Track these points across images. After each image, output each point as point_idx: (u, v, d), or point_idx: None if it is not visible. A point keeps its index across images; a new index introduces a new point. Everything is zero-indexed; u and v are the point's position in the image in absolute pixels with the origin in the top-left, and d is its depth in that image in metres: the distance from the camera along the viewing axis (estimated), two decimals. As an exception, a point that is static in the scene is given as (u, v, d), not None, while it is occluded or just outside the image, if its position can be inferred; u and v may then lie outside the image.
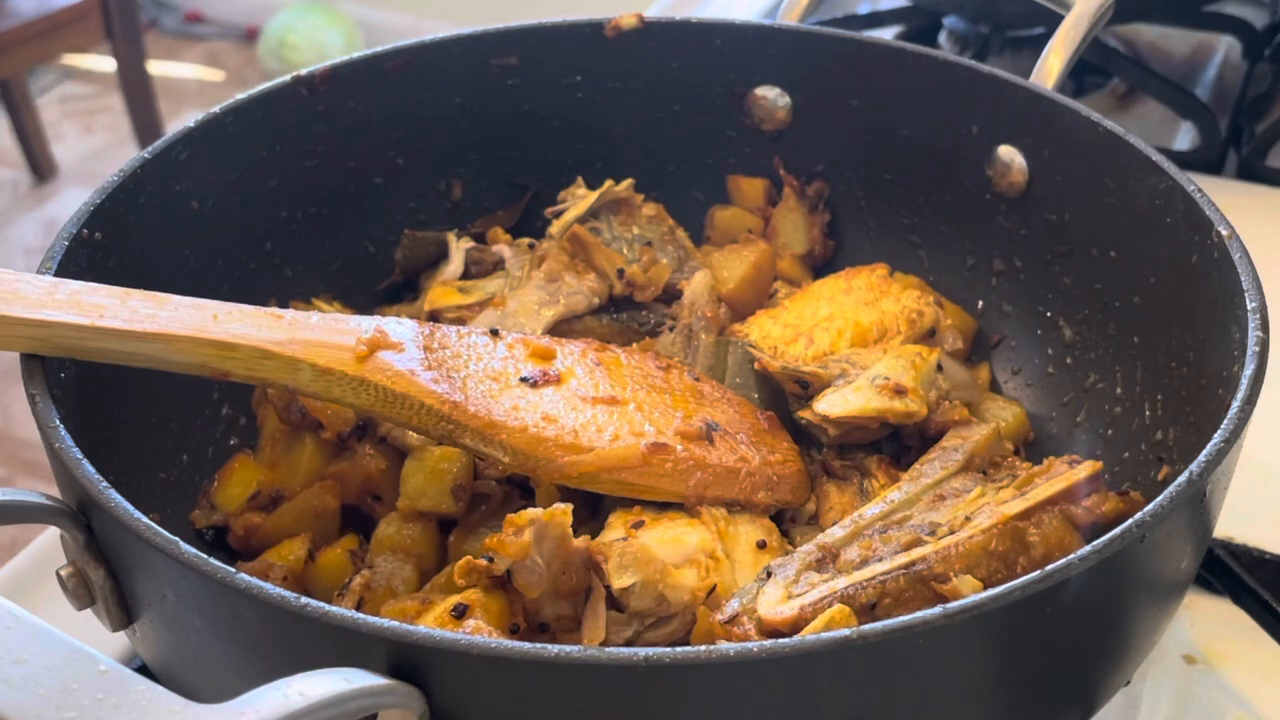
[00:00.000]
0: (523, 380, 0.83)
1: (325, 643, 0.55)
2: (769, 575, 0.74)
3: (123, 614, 0.67)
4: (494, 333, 0.87)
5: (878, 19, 1.63)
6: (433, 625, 0.71)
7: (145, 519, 0.60)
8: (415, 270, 1.08)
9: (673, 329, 0.98)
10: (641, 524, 0.78)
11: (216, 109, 0.95)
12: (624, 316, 1.01)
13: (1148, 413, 0.88)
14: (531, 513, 0.73)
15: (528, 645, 0.54)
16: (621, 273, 1.00)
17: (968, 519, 0.76)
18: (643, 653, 0.53)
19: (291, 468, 0.92)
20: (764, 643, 0.54)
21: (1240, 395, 0.68)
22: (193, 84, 4.64)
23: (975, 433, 0.87)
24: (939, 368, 0.93)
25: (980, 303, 1.05)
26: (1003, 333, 1.03)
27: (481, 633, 0.69)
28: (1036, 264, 1.00)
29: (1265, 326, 0.72)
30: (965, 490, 0.81)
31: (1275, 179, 1.39)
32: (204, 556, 0.58)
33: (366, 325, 0.80)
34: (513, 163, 1.12)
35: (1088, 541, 0.60)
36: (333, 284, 1.05)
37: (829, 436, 0.90)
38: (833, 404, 0.89)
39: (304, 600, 0.55)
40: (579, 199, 1.05)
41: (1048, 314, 1.00)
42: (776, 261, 1.08)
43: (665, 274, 1.02)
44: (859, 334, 0.97)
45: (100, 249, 0.82)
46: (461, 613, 0.72)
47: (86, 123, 4.35)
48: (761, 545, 0.80)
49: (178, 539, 0.59)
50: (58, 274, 0.77)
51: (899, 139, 1.05)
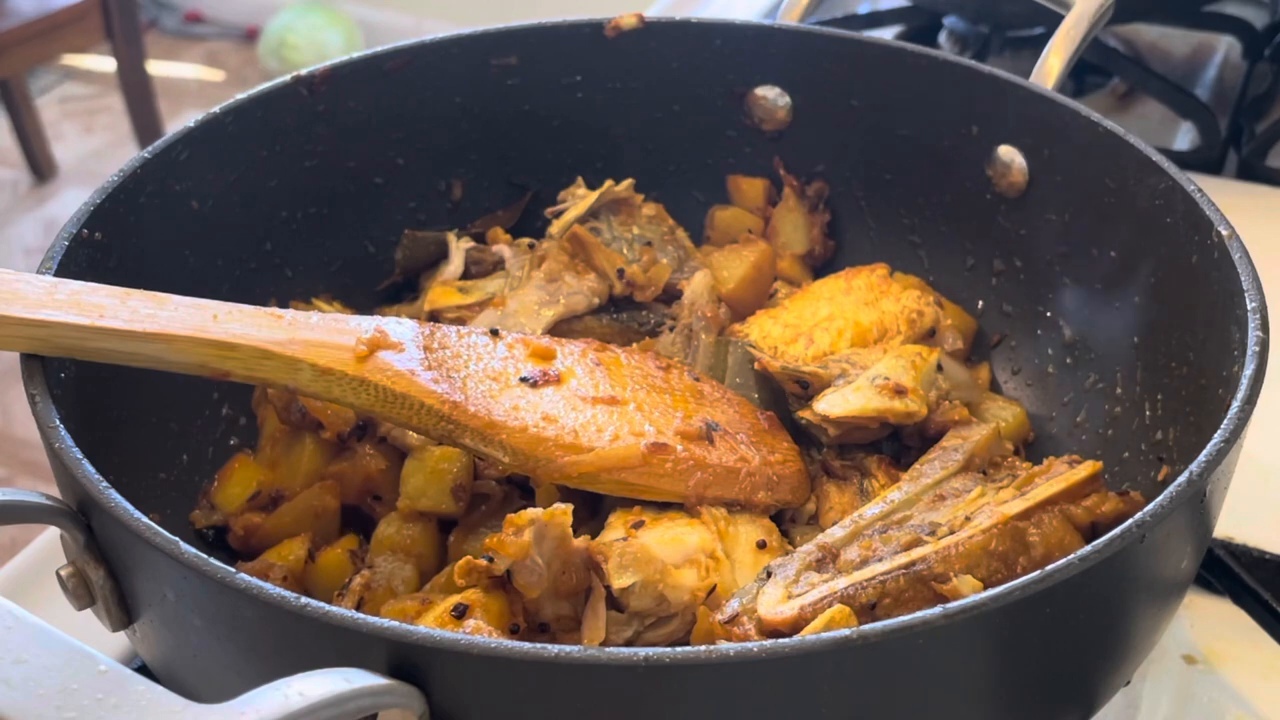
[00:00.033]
0: (523, 380, 0.83)
1: (325, 643, 0.55)
2: (769, 575, 0.74)
3: (123, 614, 0.67)
4: (494, 333, 0.87)
5: (878, 19, 1.62)
6: (433, 625, 0.71)
7: (145, 519, 0.60)
8: (415, 270, 1.08)
9: (673, 329, 0.98)
10: (641, 524, 0.78)
11: (216, 109, 0.95)
12: (624, 316, 1.01)
13: (1148, 413, 0.88)
14: (531, 513, 0.73)
15: (528, 645, 0.54)
16: (621, 273, 1.00)
17: (968, 519, 0.76)
18: (643, 653, 0.53)
19: (291, 468, 0.92)
20: (764, 643, 0.54)
21: (1240, 395, 0.68)
22: (193, 84, 4.64)
23: (975, 433, 0.87)
24: (939, 368, 0.93)
25: (980, 303, 1.05)
26: (1003, 333, 1.03)
27: (481, 633, 0.69)
28: (1036, 264, 1.00)
29: (1265, 326, 0.72)
30: (965, 490, 0.81)
31: (1275, 179, 1.39)
32: (204, 556, 0.58)
33: (366, 325, 0.80)
34: (513, 163, 1.12)
35: (1088, 541, 0.60)
36: (333, 284, 1.05)
37: (829, 436, 0.90)
38: (833, 404, 0.89)
39: (304, 600, 0.55)
40: (579, 199, 1.05)
41: (1048, 314, 1.00)
42: (776, 261, 1.08)
43: (665, 274, 1.02)
44: (859, 334, 0.97)
45: (100, 249, 0.82)
46: (461, 613, 0.72)
47: (86, 123, 4.35)
48: (761, 545, 0.80)
49: (178, 539, 0.59)
50: (58, 274, 0.77)
51: (899, 139, 1.05)
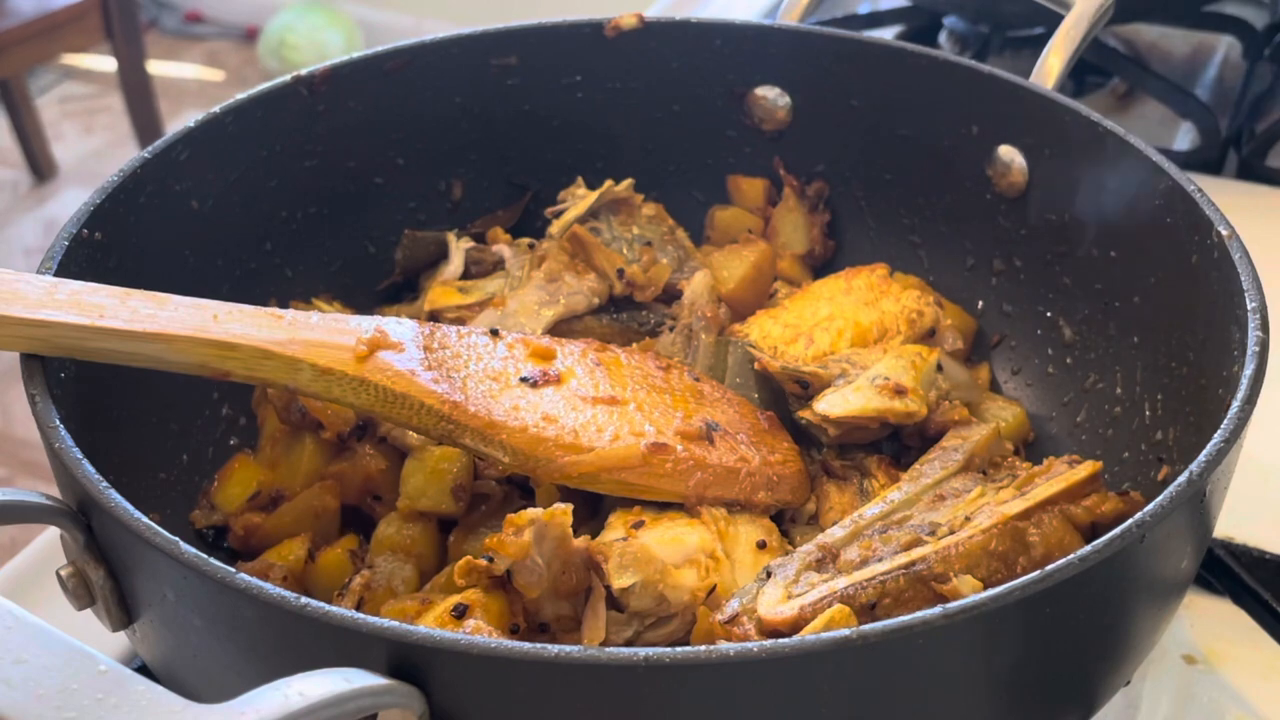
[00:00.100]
0: (523, 380, 0.83)
1: (325, 643, 0.55)
2: (769, 575, 0.74)
3: (123, 614, 0.67)
4: (494, 333, 0.87)
5: (878, 19, 1.62)
6: (433, 625, 0.71)
7: (145, 519, 0.60)
8: (415, 270, 1.08)
9: (673, 329, 0.98)
10: (641, 524, 0.78)
11: (216, 109, 0.95)
12: (624, 316, 1.01)
13: (1148, 413, 0.88)
14: (531, 513, 0.73)
15: (528, 645, 0.54)
16: (621, 273, 1.00)
17: (968, 519, 0.76)
18: (643, 653, 0.53)
19: (291, 468, 0.92)
20: (764, 643, 0.54)
21: (1240, 395, 0.68)
22: (193, 84, 4.64)
23: (975, 433, 0.87)
24: (939, 368, 0.93)
25: (980, 303, 1.05)
26: (1003, 333, 1.03)
27: (481, 633, 0.69)
28: (1036, 264, 1.00)
29: (1265, 326, 0.72)
30: (965, 490, 0.81)
31: (1275, 179, 1.39)
32: (204, 556, 0.58)
33: (366, 325, 0.80)
34: (513, 163, 1.12)
35: (1088, 541, 0.60)
36: (333, 284, 1.05)
37: (829, 436, 0.90)
38: (833, 404, 0.89)
39: (304, 600, 0.55)
40: (579, 199, 1.05)
41: (1048, 314, 1.00)
42: (776, 261, 1.08)
43: (665, 274, 1.02)
44: (859, 334, 0.97)
45: (100, 249, 0.82)
46: (461, 613, 0.72)
47: (86, 123, 4.35)
48: (761, 545, 0.80)
49: (178, 539, 0.59)
50: (58, 274, 0.77)
51: (899, 139, 1.05)
